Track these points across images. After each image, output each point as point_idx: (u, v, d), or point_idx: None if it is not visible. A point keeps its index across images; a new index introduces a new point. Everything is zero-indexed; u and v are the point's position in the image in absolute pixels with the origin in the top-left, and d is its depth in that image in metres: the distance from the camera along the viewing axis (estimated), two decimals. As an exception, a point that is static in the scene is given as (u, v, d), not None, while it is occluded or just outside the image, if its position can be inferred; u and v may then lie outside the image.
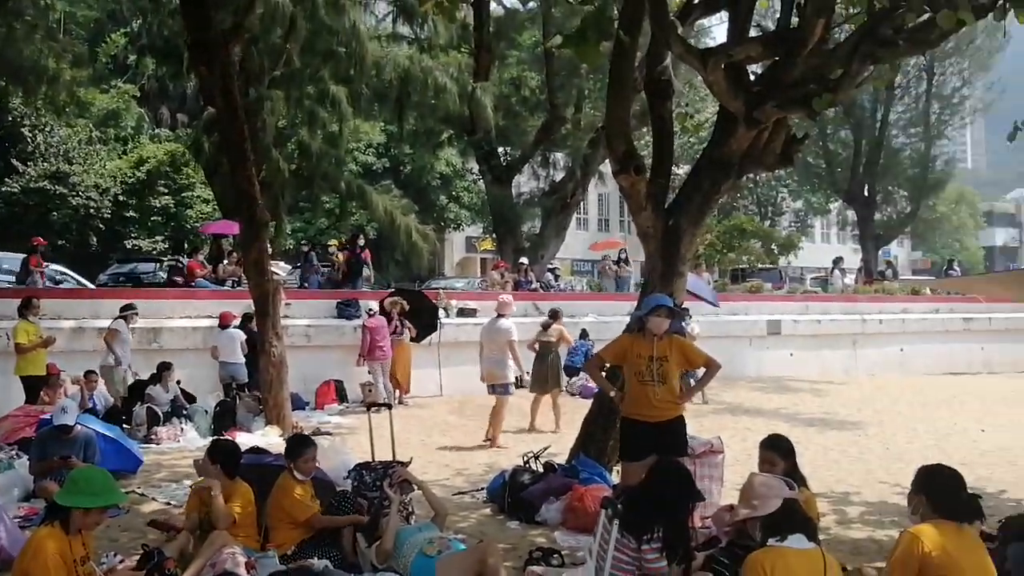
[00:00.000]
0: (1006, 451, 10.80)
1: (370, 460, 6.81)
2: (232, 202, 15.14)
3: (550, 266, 24.54)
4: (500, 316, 11.18)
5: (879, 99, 35.91)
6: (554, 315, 13.12)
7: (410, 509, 6.11)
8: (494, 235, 28.63)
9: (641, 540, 4.57)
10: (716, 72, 6.80)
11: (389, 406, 8.93)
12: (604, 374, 6.96)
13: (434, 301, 15.85)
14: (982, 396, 16.94)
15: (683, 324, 15.15)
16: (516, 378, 11.59)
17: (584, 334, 16.20)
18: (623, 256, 23.73)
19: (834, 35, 7.44)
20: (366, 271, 18.77)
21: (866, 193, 37.01)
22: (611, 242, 33.01)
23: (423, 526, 5.67)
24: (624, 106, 7.74)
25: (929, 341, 22.11)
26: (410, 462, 6.54)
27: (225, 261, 17.67)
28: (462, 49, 22.95)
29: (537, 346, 12.46)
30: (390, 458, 7.01)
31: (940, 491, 3.93)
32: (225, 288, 16.09)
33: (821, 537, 5.23)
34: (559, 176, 28.04)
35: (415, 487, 6.04)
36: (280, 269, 17.73)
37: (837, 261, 28.82)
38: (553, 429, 11.51)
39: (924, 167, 38.48)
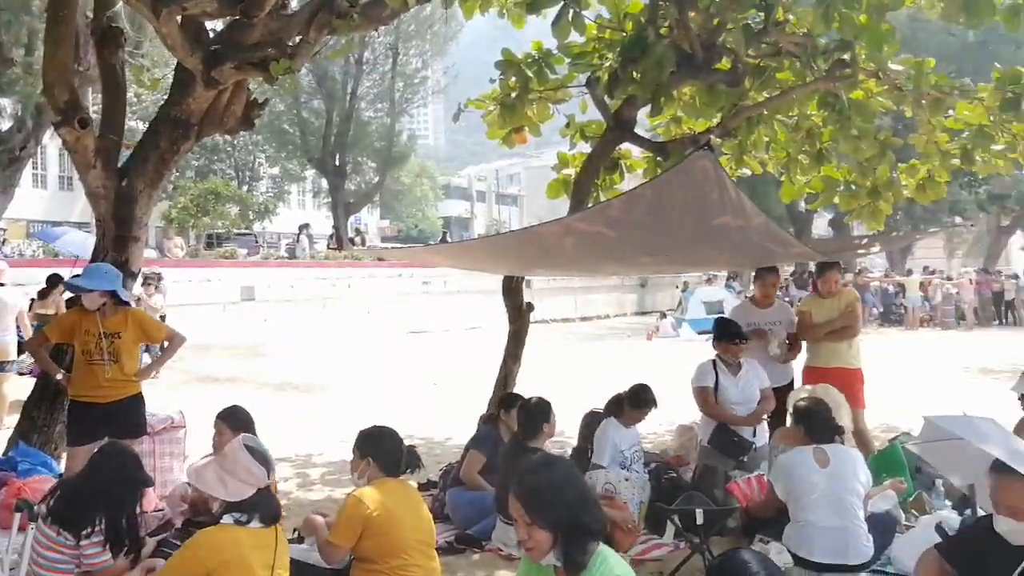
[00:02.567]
0: (460, 402, 12.06)
1: None
2: None
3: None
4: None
5: (349, 72, 37.61)
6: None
7: None
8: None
9: (80, 536, 4.11)
10: (170, 24, 6.34)
11: None
12: (49, 353, 6.21)
13: None
14: (436, 352, 18.76)
15: (153, 292, 14.38)
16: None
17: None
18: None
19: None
20: None
21: (337, 162, 38.64)
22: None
23: None
24: (65, 49, 6.87)
25: (394, 303, 23.86)
26: None
27: None
28: None
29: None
30: None
31: (382, 451, 4.16)
32: None
33: (283, 501, 5.27)
34: (6, 125, 24.49)
35: None
36: None
37: (304, 227, 29.63)
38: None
39: (390, 140, 41.33)
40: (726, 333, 6.58)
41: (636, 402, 6.38)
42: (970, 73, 13.16)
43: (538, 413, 5.54)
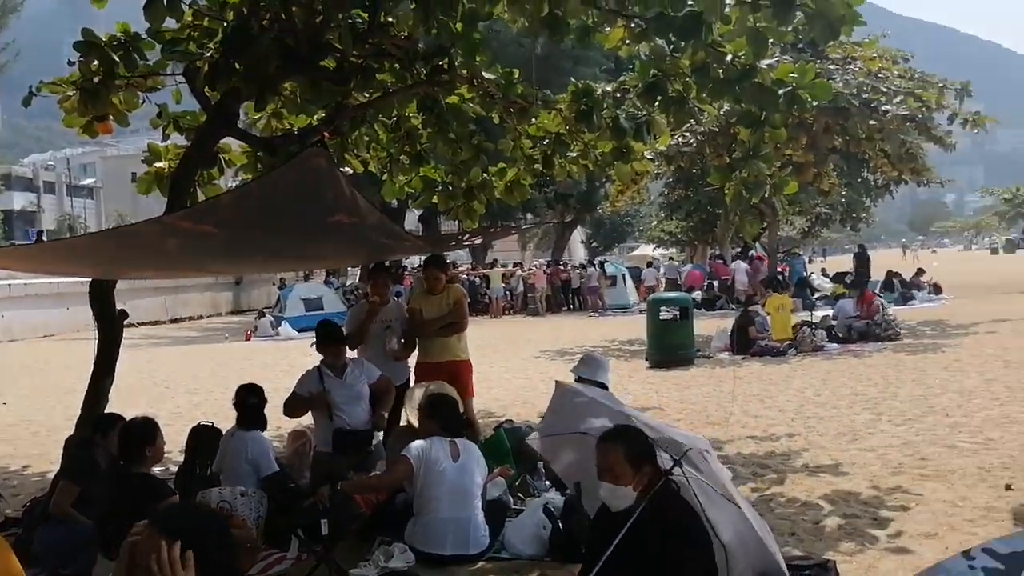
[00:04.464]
0: (30, 423, 10.66)
1: None
2: None
3: None
4: None
5: None
6: None
7: None
8: None
9: None
10: None
11: None
12: None
13: None
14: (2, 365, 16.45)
15: None
16: None
17: None
18: None
19: None
20: None
21: None
22: None
23: None
24: None
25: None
26: None
27: None
28: None
29: None
30: None
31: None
32: None
33: None
34: None
35: None
36: None
37: None
38: None
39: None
40: (325, 336, 6.50)
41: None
42: (539, 82, 14.49)
43: (141, 435, 5.01)
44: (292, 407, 6.32)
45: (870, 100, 16.92)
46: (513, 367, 15.10)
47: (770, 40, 5.79)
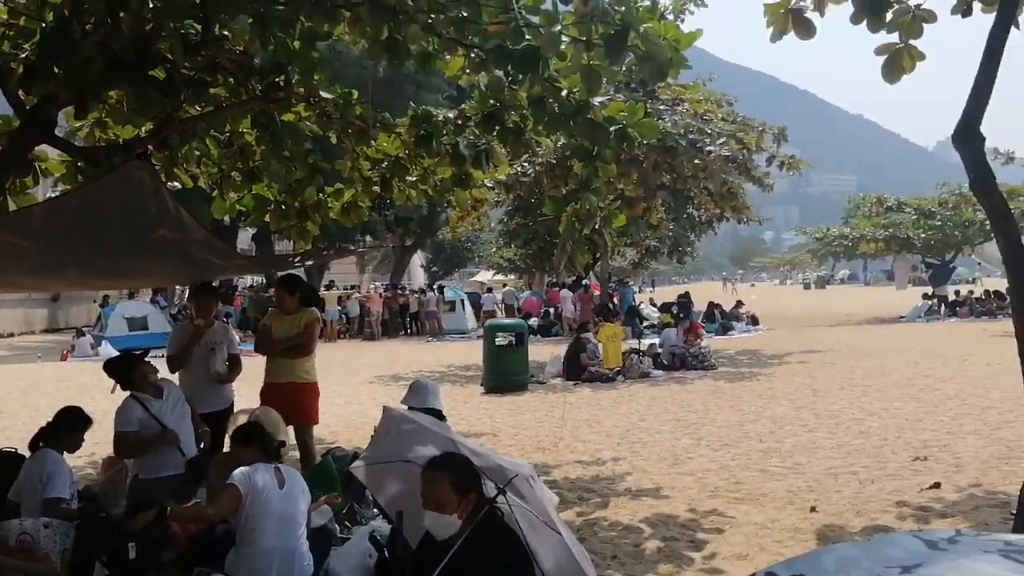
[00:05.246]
0: None
1: None
2: None
3: None
4: None
5: None
6: None
7: None
8: None
9: None
10: None
11: None
12: None
13: None
14: None
15: None
16: None
17: None
18: None
19: None
20: None
21: None
22: None
23: None
24: None
25: None
26: None
27: None
28: None
29: None
30: None
31: None
32: None
33: None
34: None
35: None
36: None
37: None
38: None
39: None
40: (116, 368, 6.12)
41: (73, 425, 5.71)
42: (381, 106, 14.43)
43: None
44: (126, 447, 5.90)
45: (696, 140, 17.85)
46: (346, 392, 14.85)
47: (603, 78, 6.00)
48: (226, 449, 6.23)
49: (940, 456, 8.32)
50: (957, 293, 34.08)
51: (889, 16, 5.74)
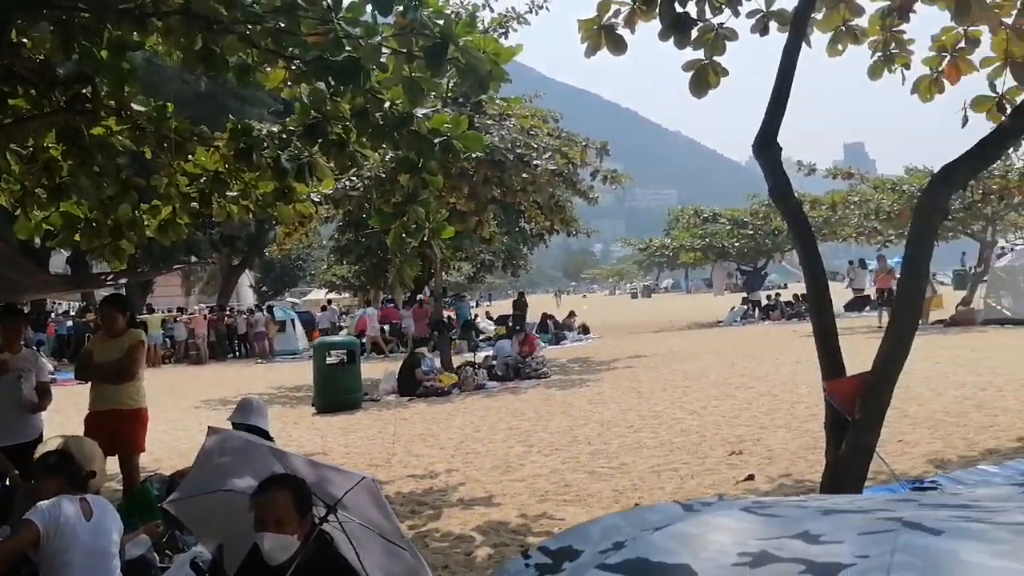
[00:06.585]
0: None
1: None
2: None
3: None
4: None
5: None
6: None
7: None
8: None
9: None
10: None
11: None
12: None
13: None
14: None
15: None
16: None
17: None
18: None
19: None
20: None
21: None
22: None
23: None
24: None
25: None
26: None
27: None
28: None
29: None
30: None
31: None
32: None
33: None
34: None
35: None
36: None
37: None
38: None
39: None
40: None
41: None
42: (204, 121, 13.94)
43: None
44: None
45: (524, 155, 18.22)
46: (171, 418, 14.19)
47: (426, 90, 6.07)
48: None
49: (754, 449, 8.86)
50: (769, 297, 36.36)
51: (695, 34, 6.11)
